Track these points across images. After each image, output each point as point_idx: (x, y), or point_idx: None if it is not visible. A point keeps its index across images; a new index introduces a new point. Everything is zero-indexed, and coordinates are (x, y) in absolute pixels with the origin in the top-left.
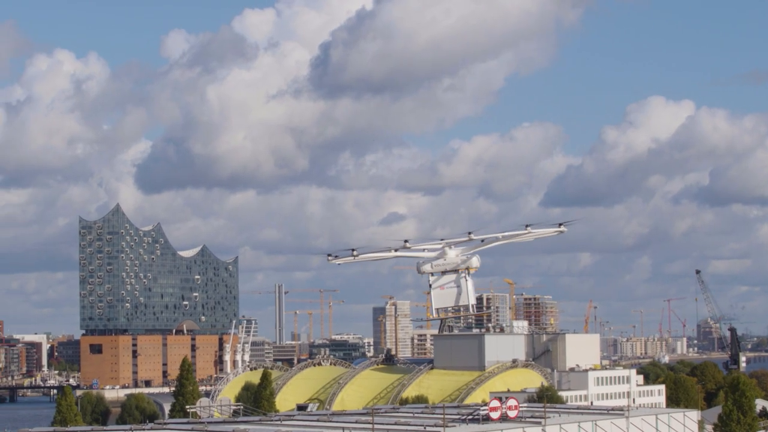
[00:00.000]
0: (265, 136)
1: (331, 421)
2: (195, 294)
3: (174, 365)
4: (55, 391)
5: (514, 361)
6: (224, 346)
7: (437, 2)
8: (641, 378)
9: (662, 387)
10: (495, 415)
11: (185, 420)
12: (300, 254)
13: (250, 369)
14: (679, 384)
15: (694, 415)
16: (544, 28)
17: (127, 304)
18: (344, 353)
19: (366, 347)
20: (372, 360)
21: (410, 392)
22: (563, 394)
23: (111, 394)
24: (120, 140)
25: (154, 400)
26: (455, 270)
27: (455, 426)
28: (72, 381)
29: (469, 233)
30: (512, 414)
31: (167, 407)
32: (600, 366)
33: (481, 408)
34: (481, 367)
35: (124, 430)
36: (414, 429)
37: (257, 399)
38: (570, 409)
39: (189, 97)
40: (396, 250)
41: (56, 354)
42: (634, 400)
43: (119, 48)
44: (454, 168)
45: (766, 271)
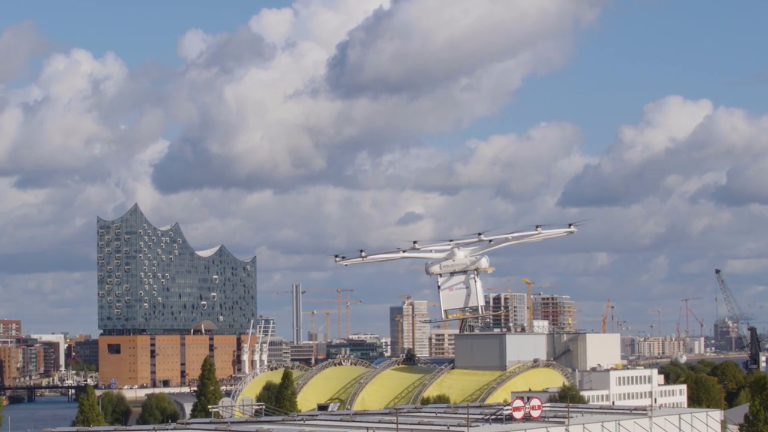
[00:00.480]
0: (283, 136)
1: (354, 421)
2: (213, 294)
3: (192, 365)
4: (73, 391)
5: (536, 361)
6: (242, 346)
7: (455, 2)
8: (662, 378)
9: (683, 387)
10: (518, 415)
11: (207, 420)
12: (317, 254)
13: (271, 369)
14: (700, 384)
15: (717, 415)
16: (562, 28)
17: (145, 304)
18: (362, 353)
19: (383, 347)
20: (393, 360)
21: (431, 392)
22: (585, 394)
23: (129, 394)
24: (137, 140)
25: (175, 400)
26: (464, 271)
27: (479, 426)
28: (90, 381)
29: (479, 234)
30: (535, 414)
31: (188, 407)
32: (621, 366)
33: (504, 408)
34: (502, 367)
35: (147, 430)
36: (437, 429)
37: (279, 399)
38: (592, 409)
39: (206, 97)
40: (404, 251)
41: (74, 354)
42: (656, 400)
43: (137, 48)
44: (471, 168)
45: None
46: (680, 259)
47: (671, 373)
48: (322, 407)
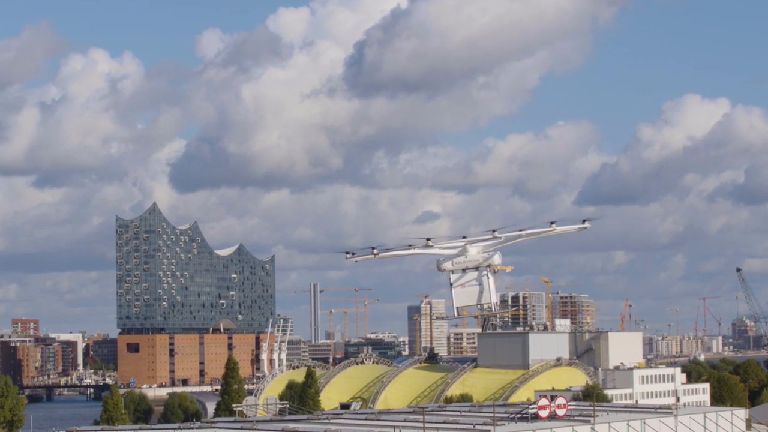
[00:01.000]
0: (300, 135)
1: (380, 420)
2: (232, 293)
3: (211, 364)
4: (92, 390)
5: (558, 360)
6: (261, 345)
7: (473, 1)
8: (683, 377)
9: (706, 385)
10: (544, 414)
11: (232, 419)
12: (333, 253)
13: (293, 368)
14: (723, 382)
15: (742, 414)
16: (580, 27)
17: (164, 303)
18: (379, 352)
19: (401, 346)
20: (415, 358)
21: (454, 391)
22: (608, 393)
23: (149, 393)
24: (154, 139)
25: (197, 399)
26: (477, 268)
27: (504, 424)
28: (108, 380)
29: (493, 231)
30: (561, 412)
31: (210, 406)
32: (645, 364)
33: (530, 406)
34: (525, 366)
35: (172, 429)
36: (463, 427)
37: (302, 397)
38: (617, 408)
39: (224, 97)
40: (413, 247)
41: (91, 353)
42: (679, 399)
43: (154, 47)
44: (489, 166)
45: None
46: (698, 258)
47: (693, 372)
48: (345, 406)
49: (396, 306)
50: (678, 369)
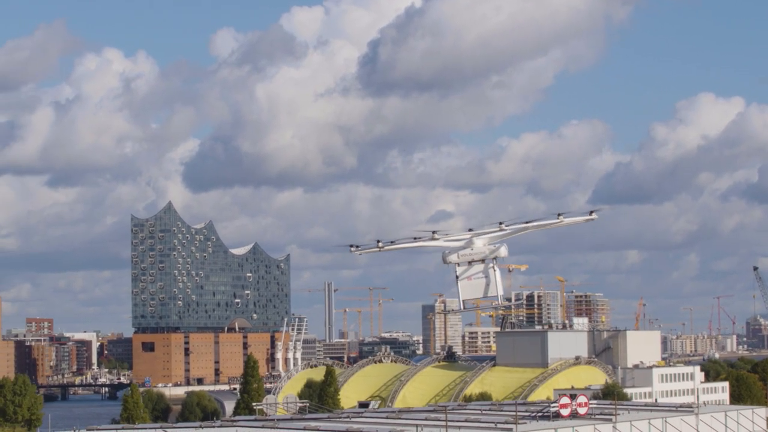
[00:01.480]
0: (314, 135)
1: (401, 418)
2: (247, 292)
3: (226, 363)
4: (106, 390)
5: (577, 358)
6: (276, 344)
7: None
8: (702, 375)
9: (725, 384)
10: (565, 412)
11: (252, 417)
12: (347, 253)
13: (311, 366)
14: (741, 381)
15: (763, 412)
16: (594, 26)
17: (179, 302)
18: (394, 351)
19: (415, 345)
20: (433, 357)
21: (473, 389)
22: (627, 392)
23: (164, 392)
24: (168, 139)
25: (215, 398)
26: (483, 260)
27: (526, 423)
28: (123, 379)
29: (500, 223)
30: (582, 411)
31: (228, 405)
32: (664, 363)
33: (551, 405)
34: (544, 364)
35: (193, 428)
36: (485, 426)
37: (322, 396)
38: (638, 407)
39: (238, 96)
40: (419, 240)
41: (106, 352)
42: (697, 398)
43: (168, 47)
44: (502, 166)
45: None
46: (711, 257)
47: (710, 371)
48: (363, 405)
49: (410, 305)
50: (697, 368)
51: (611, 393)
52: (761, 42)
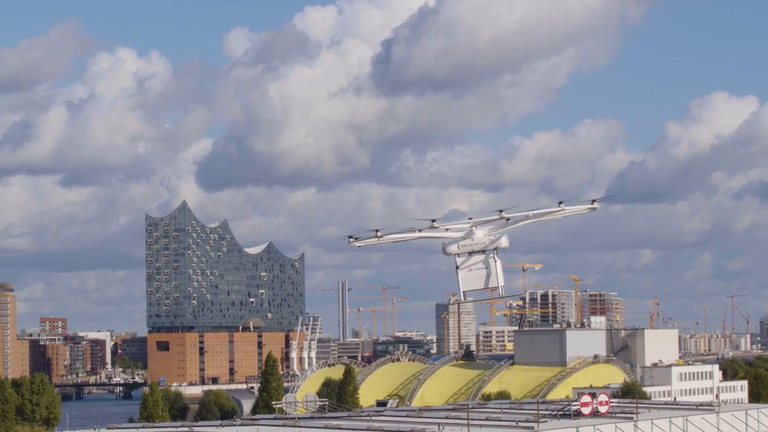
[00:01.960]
0: (327, 134)
1: (422, 417)
2: (261, 291)
3: (241, 362)
4: (121, 389)
5: (596, 357)
6: (290, 343)
7: None
8: (719, 374)
9: (744, 383)
10: (586, 411)
11: (272, 416)
12: (360, 252)
13: (329, 365)
14: (760, 379)
15: None
16: (607, 25)
17: (194, 301)
18: (408, 350)
19: (429, 344)
20: (451, 356)
21: (491, 388)
22: (646, 390)
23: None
24: (181, 138)
25: (233, 397)
26: (483, 250)
27: (547, 421)
28: (137, 378)
29: (500, 211)
30: (603, 410)
31: (245, 403)
32: (682, 361)
33: (572, 403)
34: (562, 363)
35: (214, 426)
36: (506, 424)
37: (340, 395)
38: (658, 405)
39: (251, 95)
40: (420, 231)
41: (120, 351)
42: (717, 396)
43: (181, 46)
44: (516, 165)
45: None
46: (725, 256)
47: (728, 369)
48: (381, 403)
49: (423, 305)
50: (716, 366)
51: (631, 392)
52: None
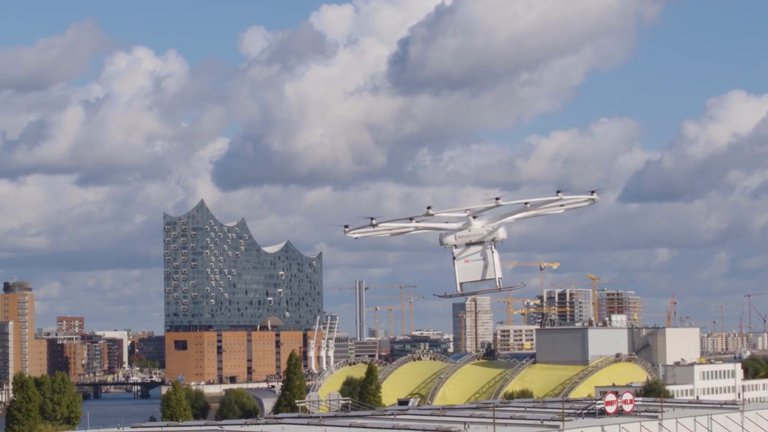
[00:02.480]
0: (343, 133)
1: (446, 416)
2: (279, 290)
3: (258, 361)
4: (138, 388)
5: (618, 356)
6: (308, 342)
7: None
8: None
9: (767, 381)
10: (611, 410)
11: (296, 414)
12: (376, 251)
13: (349, 364)
14: None
15: None
16: (624, 24)
17: (212, 300)
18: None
19: (446, 343)
20: (472, 355)
21: (513, 387)
22: (669, 389)
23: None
24: (198, 137)
25: (254, 396)
26: (481, 242)
27: (572, 420)
28: (155, 377)
29: (497, 198)
30: (628, 408)
31: (266, 402)
32: (704, 360)
33: (597, 402)
34: (584, 362)
35: (238, 425)
36: (531, 423)
37: (363, 393)
38: (682, 404)
39: (267, 95)
40: (414, 219)
41: (137, 350)
42: (740, 395)
43: (198, 46)
44: (532, 164)
45: None
46: (742, 255)
47: (749, 368)
48: (403, 402)
49: (440, 303)
50: (738, 365)
51: (653, 390)
52: None
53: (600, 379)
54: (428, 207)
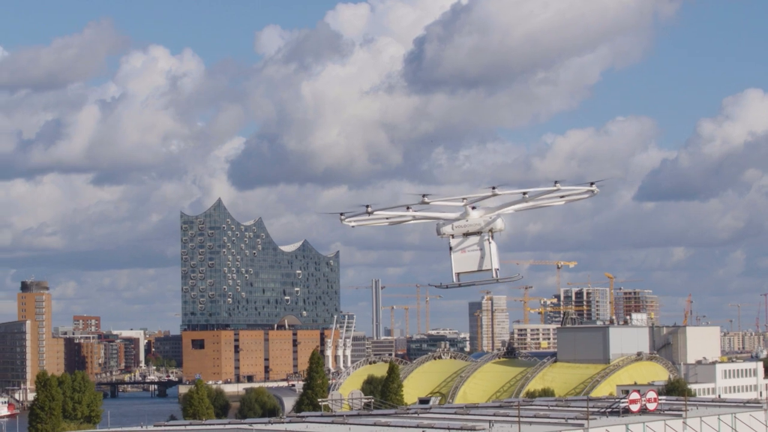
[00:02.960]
0: (359, 132)
1: (470, 414)
2: (296, 289)
3: (276, 360)
4: (155, 387)
5: (639, 354)
6: (325, 341)
7: None
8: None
9: None
10: (635, 408)
11: (319, 413)
12: (392, 250)
13: (370, 362)
14: None
15: None
16: (641, 22)
17: (229, 299)
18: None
19: (463, 342)
20: (493, 353)
21: (534, 385)
22: (691, 387)
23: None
24: (214, 137)
25: (275, 395)
26: (478, 232)
27: (596, 419)
28: (172, 376)
29: (493, 188)
30: (651, 407)
31: (287, 401)
32: (726, 359)
33: (620, 400)
34: (606, 360)
35: (262, 423)
36: (555, 421)
37: (384, 392)
38: (705, 402)
39: (283, 94)
40: (411, 208)
41: (153, 350)
42: (762, 393)
43: (214, 45)
44: (548, 162)
45: None
46: (758, 253)
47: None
48: (423, 401)
49: (456, 303)
50: (760, 363)
51: (675, 389)
52: None
53: (622, 378)
54: (423, 195)
